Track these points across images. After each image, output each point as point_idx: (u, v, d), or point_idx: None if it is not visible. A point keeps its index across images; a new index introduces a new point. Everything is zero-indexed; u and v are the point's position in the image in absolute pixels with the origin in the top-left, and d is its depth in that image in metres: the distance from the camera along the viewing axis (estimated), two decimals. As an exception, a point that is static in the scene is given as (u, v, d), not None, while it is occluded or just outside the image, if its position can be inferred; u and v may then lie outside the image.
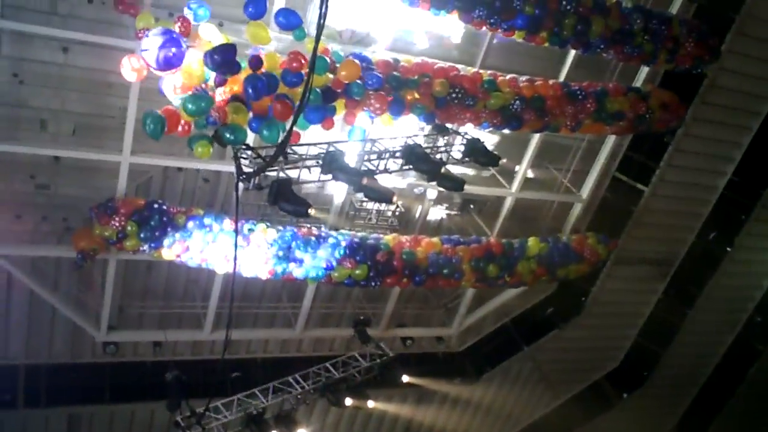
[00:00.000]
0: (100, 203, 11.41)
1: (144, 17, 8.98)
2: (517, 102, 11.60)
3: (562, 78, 13.85)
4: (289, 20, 8.82)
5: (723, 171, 16.58)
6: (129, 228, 11.13)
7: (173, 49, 7.90)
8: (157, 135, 8.51)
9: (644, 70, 14.38)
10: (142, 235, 11.27)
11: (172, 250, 11.51)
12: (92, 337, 13.56)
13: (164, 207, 11.60)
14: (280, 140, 8.66)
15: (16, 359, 14.09)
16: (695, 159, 16.27)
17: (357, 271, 12.43)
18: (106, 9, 10.93)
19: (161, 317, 14.43)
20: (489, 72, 12.00)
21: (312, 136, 11.67)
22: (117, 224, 11.13)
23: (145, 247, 11.47)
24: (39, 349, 14.23)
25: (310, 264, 12.23)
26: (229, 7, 11.10)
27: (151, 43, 7.91)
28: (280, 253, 12.00)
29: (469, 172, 14.79)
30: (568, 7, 10.88)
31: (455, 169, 12.43)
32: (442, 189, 13.08)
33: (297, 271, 12.25)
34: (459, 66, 12.20)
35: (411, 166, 11.02)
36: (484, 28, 11.03)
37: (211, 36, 8.67)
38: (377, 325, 16.07)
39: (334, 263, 12.27)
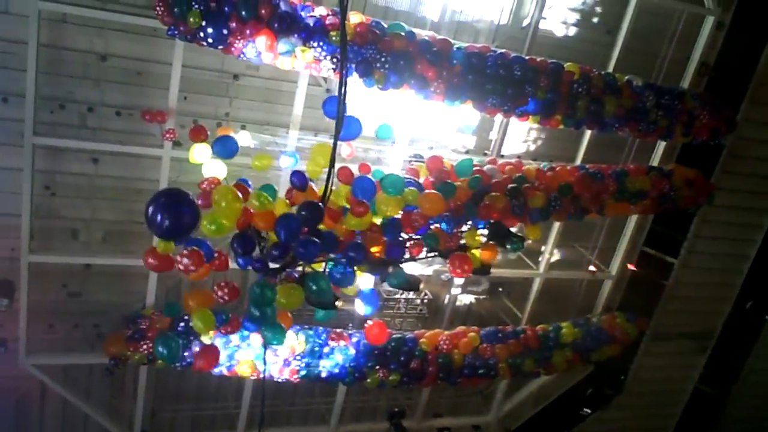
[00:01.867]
0: (130, 333, 11.47)
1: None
2: (554, 197, 11.57)
3: (580, 157, 14.02)
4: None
5: (753, 239, 16.43)
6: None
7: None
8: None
9: (662, 145, 14.49)
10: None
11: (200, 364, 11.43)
12: (125, 444, 13.45)
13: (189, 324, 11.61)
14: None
15: (49, 469, 13.96)
16: (722, 228, 16.17)
17: (390, 377, 12.42)
18: (133, 120, 11.41)
19: (194, 419, 14.30)
20: (513, 161, 12.18)
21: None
22: (145, 349, 11.21)
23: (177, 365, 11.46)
24: (73, 458, 14.10)
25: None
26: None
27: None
28: (311, 362, 12.06)
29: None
30: (580, 90, 11.11)
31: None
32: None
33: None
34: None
35: (436, 253, 11.06)
36: (498, 115, 11.30)
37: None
38: (412, 417, 15.73)
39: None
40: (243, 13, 8.91)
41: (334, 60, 9.47)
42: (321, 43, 9.43)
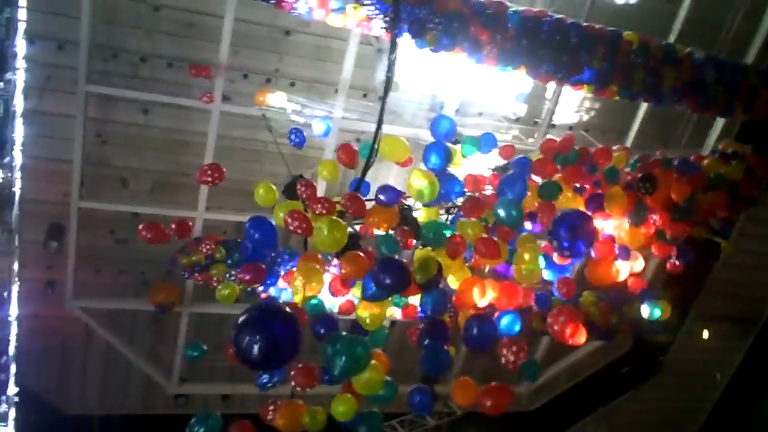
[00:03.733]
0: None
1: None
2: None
3: (634, 131, 13.68)
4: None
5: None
6: (218, 253, 11.02)
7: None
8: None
9: (720, 122, 14.03)
10: (229, 261, 11.16)
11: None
12: (164, 389, 13.80)
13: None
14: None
15: (91, 410, 14.45)
16: (776, 210, 15.66)
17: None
18: (184, 72, 11.45)
19: (231, 369, 14.58)
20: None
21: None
22: (206, 249, 11.09)
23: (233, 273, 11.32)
24: (113, 401, 14.53)
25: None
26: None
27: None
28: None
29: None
30: (638, 60, 10.73)
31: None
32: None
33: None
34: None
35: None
36: (552, 82, 11.02)
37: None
38: (445, 383, 15.80)
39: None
40: (296, -33, 8.81)
41: (387, 19, 9.32)
42: (374, 1, 9.28)
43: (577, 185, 8.57)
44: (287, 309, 5.24)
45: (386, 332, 6.94)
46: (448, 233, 6.93)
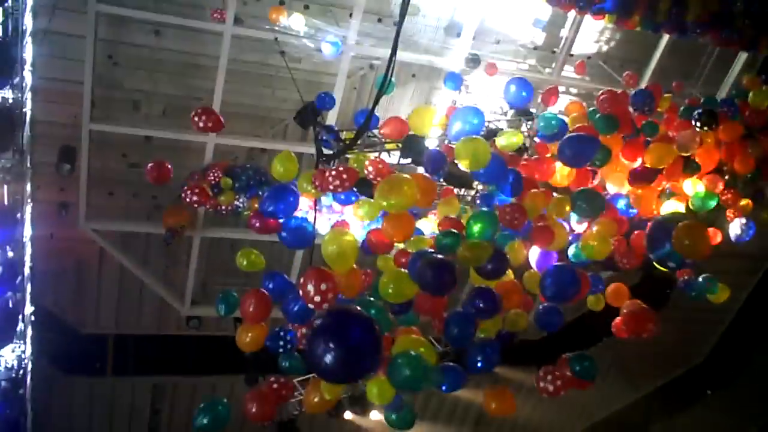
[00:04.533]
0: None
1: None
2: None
3: (654, 62, 13.39)
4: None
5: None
6: (223, 182, 11.04)
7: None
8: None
9: (742, 57, 13.68)
10: (236, 186, 11.17)
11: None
12: (177, 311, 14.03)
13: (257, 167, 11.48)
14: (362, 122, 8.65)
15: (106, 329, 14.78)
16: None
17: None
18: (196, -7, 11.21)
19: (243, 294, 14.74)
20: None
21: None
22: (212, 178, 11.09)
23: (241, 200, 11.33)
24: (127, 321, 14.85)
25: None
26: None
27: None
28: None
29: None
30: (663, -12, 10.42)
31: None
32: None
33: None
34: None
35: (492, 152, 10.86)
36: (572, 10, 10.73)
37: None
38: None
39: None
40: None
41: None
42: None
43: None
44: (363, 313, 4.85)
45: None
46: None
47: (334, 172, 6.57)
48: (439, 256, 6.03)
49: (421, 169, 9.42)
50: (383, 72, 7.30)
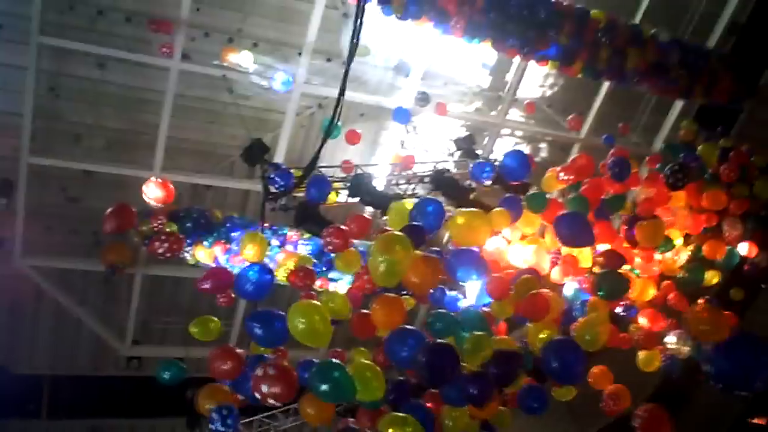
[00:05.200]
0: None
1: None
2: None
3: (595, 109, 13.80)
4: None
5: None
6: (168, 226, 10.82)
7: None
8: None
9: (678, 105, 14.19)
10: (181, 230, 10.94)
11: (212, 249, 11.17)
12: (116, 350, 13.61)
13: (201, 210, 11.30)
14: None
15: (40, 369, 14.22)
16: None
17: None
18: (143, 28, 11.10)
19: (185, 333, 14.39)
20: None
21: (339, 158, 11.77)
22: (156, 224, 10.86)
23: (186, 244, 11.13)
24: (64, 361, 14.31)
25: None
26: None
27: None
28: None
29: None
30: (604, 39, 10.77)
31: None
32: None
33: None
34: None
35: (440, 192, 10.97)
36: (517, 56, 11.02)
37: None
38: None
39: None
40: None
41: (354, -17, 9.15)
42: (341, -35, 9.10)
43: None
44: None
45: None
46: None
47: None
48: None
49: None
50: (332, 110, 7.35)
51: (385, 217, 10.56)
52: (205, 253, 11.03)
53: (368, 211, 13.15)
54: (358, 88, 12.35)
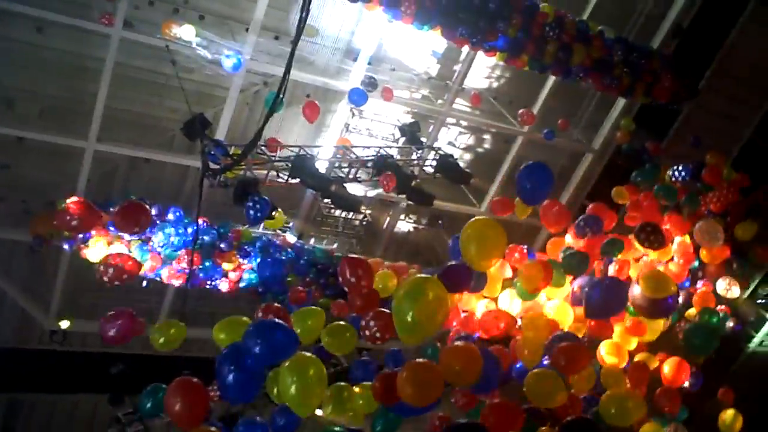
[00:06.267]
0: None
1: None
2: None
3: (540, 102, 13.98)
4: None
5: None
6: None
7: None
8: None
9: (620, 103, 14.49)
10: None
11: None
12: (40, 324, 13.18)
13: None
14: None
15: (-40, 341, 13.67)
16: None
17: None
18: (84, -9, 10.71)
19: (112, 309, 14.02)
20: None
21: (284, 139, 11.61)
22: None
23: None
24: (-15, 332, 13.80)
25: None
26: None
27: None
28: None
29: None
30: (551, 34, 10.90)
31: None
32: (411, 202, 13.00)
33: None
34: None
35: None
36: (466, 46, 11.05)
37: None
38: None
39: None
40: None
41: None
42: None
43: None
44: None
45: None
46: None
47: None
48: None
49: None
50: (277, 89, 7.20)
51: (326, 200, 10.53)
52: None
53: (308, 192, 13.09)
54: (306, 69, 12.22)
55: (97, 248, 10.95)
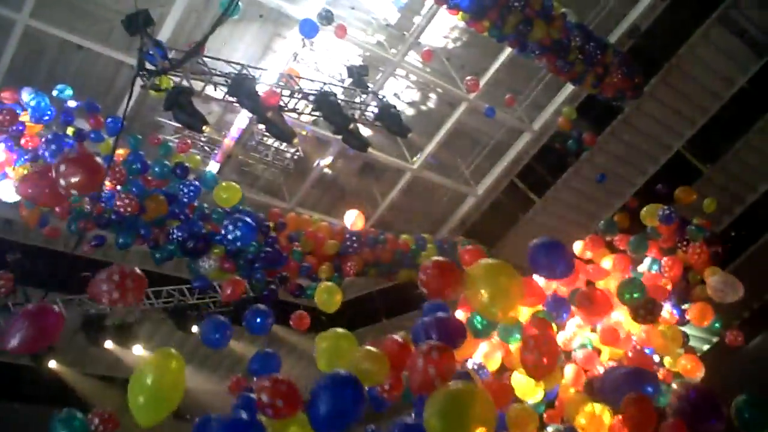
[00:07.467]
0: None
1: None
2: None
3: (490, 72, 13.98)
4: None
5: (611, 204, 16.90)
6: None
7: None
8: None
9: (567, 90, 14.62)
10: None
11: None
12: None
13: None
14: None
15: None
16: (589, 185, 16.53)
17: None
18: None
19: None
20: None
21: (227, 55, 11.20)
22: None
23: None
24: None
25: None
26: None
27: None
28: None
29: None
30: (516, 4, 10.78)
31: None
32: (346, 145, 12.80)
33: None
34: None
35: (321, 114, 10.71)
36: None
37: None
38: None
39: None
40: None
41: None
42: None
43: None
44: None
45: None
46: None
47: None
48: None
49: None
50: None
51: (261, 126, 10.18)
52: None
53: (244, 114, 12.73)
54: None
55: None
